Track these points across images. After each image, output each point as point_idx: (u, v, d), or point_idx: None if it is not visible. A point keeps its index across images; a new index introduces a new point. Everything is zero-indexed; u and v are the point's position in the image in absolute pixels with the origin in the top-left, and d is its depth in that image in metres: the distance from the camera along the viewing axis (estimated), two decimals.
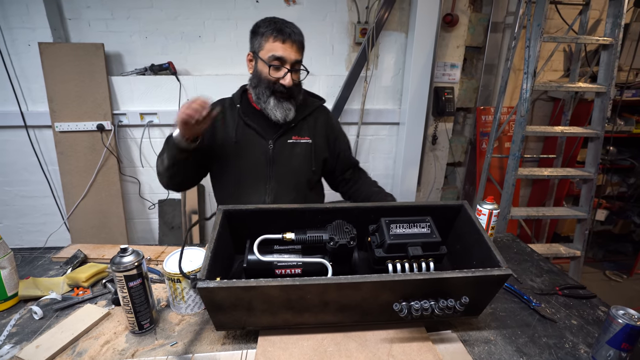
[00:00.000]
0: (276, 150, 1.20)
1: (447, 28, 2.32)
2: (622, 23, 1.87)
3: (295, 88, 1.15)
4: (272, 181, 1.22)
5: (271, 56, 1.08)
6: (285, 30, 1.09)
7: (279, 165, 1.21)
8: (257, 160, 1.20)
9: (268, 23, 1.12)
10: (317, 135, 1.27)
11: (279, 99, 1.14)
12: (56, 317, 0.87)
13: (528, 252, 1.25)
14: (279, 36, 1.08)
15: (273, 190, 1.22)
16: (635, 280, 2.73)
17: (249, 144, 1.19)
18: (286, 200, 1.22)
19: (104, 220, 2.32)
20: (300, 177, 1.24)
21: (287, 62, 1.09)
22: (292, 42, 1.09)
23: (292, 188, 1.24)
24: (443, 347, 0.78)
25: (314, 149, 1.25)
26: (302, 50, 1.14)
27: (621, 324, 0.73)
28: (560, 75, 2.63)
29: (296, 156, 1.23)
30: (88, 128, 2.18)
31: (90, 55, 2.11)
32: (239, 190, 1.23)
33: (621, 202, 2.86)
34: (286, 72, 1.10)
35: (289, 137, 1.22)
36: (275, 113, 1.15)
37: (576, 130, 2.00)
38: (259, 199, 1.21)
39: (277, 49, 1.08)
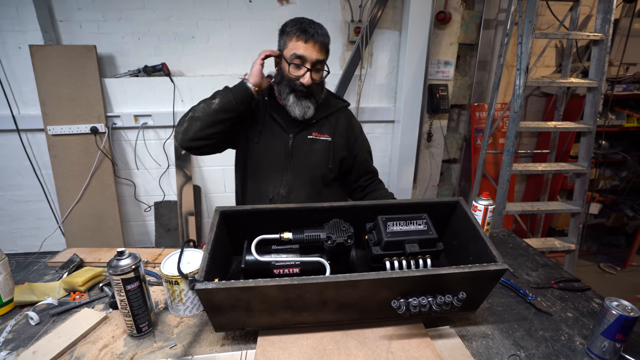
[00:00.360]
0: (295, 144, 1.25)
1: (440, 25, 2.33)
2: (612, 19, 1.89)
3: (315, 87, 1.19)
4: (289, 173, 1.25)
5: (293, 54, 1.12)
6: (309, 30, 1.12)
7: (297, 159, 1.25)
8: (276, 152, 1.24)
9: (294, 23, 1.15)
10: (337, 134, 1.30)
11: (298, 96, 1.18)
12: (53, 322, 0.87)
13: (524, 247, 1.26)
14: (302, 36, 1.11)
15: (288, 183, 1.25)
16: (629, 272, 2.77)
17: (272, 136, 1.25)
18: (301, 193, 1.26)
19: (99, 224, 2.31)
20: (315, 172, 1.28)
21: (308, 61, 1.13)
22: (314, 42, 1.11)
23: (307, 182, 1.27)
24: (441, 342, 0.79)
25: (332, 147, 1.29)
26: (324, 51, 1.16)
27: (615, 315, 0.74)
28: (552, 71, 2.65)
29: (314, 152, 1.26)
30: (81, 131, 2.16)
31: (82, 57, 2.09)
32: (257, 179, 1.27)
33: (614, 195, 2.90)
34: (306, 71, 1.13)
35: (309, 133, 1.27)
36: (294, 110, 1.19)
37: (569, 125, 2.02)
38: (274, 189, 1.25)
39: (299, 48, 1.11)
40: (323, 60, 1.17)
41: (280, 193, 1.25)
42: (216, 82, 2.25)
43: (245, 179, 1.31)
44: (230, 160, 2.38)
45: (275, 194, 1.25)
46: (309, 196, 1.27)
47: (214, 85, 2.23)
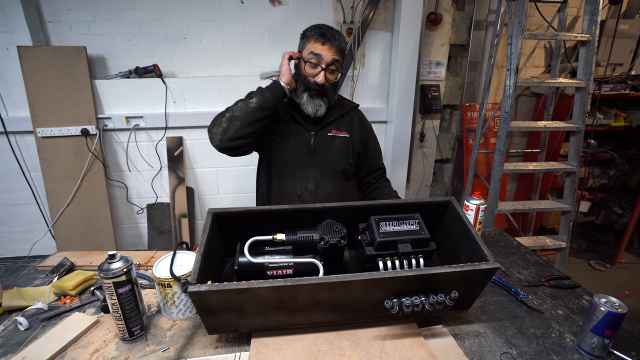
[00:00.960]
0: (317, 141, 1.32)
1: (432, 26, 2.35)
2: (599, 20, 1.93)
3: (329, 87, 1.26)
4: (314, 170, 1.32)
5: (310, 53, 1.21)
6: (327, 34, 1.21)
7: (320, 155, 1.32)
8: (300, 149, 1.31)
9: (314, 27, 1.24)
10: (353, 131, 1.39)
11: (311, 95, 1.25)
12: (43, 327, 0.85)
13: (515, 246, 1.28)
14: (319, 38, 1.20)
15: (315, 178, 1.32)
16: (618, 269, 2.82)
17: (294, 135, 1.31)
18: (327, 187, 1.33)
19: (90, 227, 2.28)
20: (337, 167, 1.35)
21: (324, 60, 1.20)
22: (331, 44, 1.20)
23: (332, 176, 1.34)
24: (435, 341, 0.80)
25: (350, 143, 1.37)
26: (340, 54, 1.24)
27: (603, 311, 0.75)
28: (541, 72, 2.69)
29: (335, 148, 1.34)
30: (72, 133, 2.13)
31: (72, 59, 2.06)
32: (283, 177, 1.33)
33: (603, 193, 2.95)
34: (320, 70, 1.21)
35: (328, 131, 1.34)
36: (307, 107, 1.26)
37: (558, 124, 2.06)
38: (301, 185, 1.31)
39: (317, 48, 1.20)
40: (338, 62, 1.24)
41: (309, 189, 1.31)
42: (209, 83, 2.25)
43: (270, 178, 1.36)
44: (222, 162, 2.41)
45: (304, 189, 1.31)
46: (335, 190, 1.35)
47: (207, 86, 2.25)
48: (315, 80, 1.22)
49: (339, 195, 1.35)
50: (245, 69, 2.32)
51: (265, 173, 1.38)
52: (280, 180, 1.33)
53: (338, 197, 1.34)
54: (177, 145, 2.34)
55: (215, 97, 2.29)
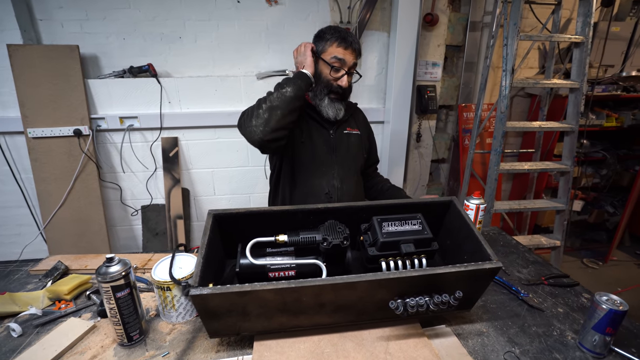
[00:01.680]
0: (336, 139, 1.36)
1: (428, 27, 2.36)
2: (592, 22, 1.95)
3: (348, 90, 1.31)
4: (337, 166, 1.35)
5: (334, 58, 1.23)
6: (348, 38, 1.24)
7: (341, 153, 1.36)
8: (322, 148, 1.34)
9: (333, 31, 1.26)
10: (361, 128, 1.46)
11: (332, 99, 1.28)
12: (37, 334, 0.83)
13: (513, 245, 1.28)
14: (342, 43, 1.23)
15: (339, 175, 1.35)
16: (610, 266, 2.86)
17: (314, 134, 1.34)
18: (350, 183, 1.38)
19: (83, 229, 2.24)
20: (356, 162, 1.42)
21: (347, 64, 1.24)
22: (352, 49, 1.24)
23: (353, 172, 1.40)
24: (438, 341, 0.79)
25: (362, 139, 1.44)
26: (359, 57, 1.29)
27: (605, 309, 0.76)
28: (535, 73, 2.72)
29: (352, 145, 1.39)
30: (64, 133, 2.09)
31: (64, 58, 2.02)
32: (308, 176, 1.34)
33: (595, 192, 3.00)
34: (344, 73, 1.25)
35: (344, 129, 1.39)
36: (328, 111, 1.29)
37: (553, 125, 2.08)
38: (328, 183, 1.34)
39: (340, 52, 1.23)
40: (356, 65, 1.29)
41: (335, 186, 1.34)
42: (204, 83, 2.22)
43: (294, 179, 1.36)
44: (218, 163, 2.39)
45: (331, 187, 1.33)
46: (356, 184, 1.41)
47: (202, 85, 2.23)
48: (338, 84, 1.25)
49: (359, 189, 1.43)
50: (241, 69, 2.30)
51: (289, 175, 1.36)
52: (306, 180, 1.34)
53: (358, 191, 1.40)
54: (172, 146, 2.31)
55: (211, 97, 2.27)
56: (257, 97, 1.44)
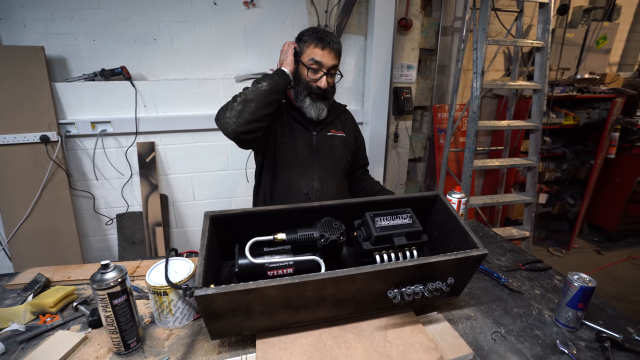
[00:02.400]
0: (319, 141, 1.36)
1: (402, 31, 2.45)
2: (550, 28, 2.12)
3: (329, 90, 1.30)
4: (317, 168, 1.36)
5: (311, 60, 1.23)
6: (325, 38, 1.23)
7: (322, 154, 1.37)
8: (303, 149, 1.34)
9: (311, 32, 1.26)
10: (347, 130, 1.46)
11: (314, 99, 1.29)
12: (22, 350, 0.79)
13: (491, 235, 1.37)
14: (319, 43, 1.22)
15: (319, 176, 1.35)
16: (573, 253, 3.09)
17: (297, 135, 1.35)
18: (331, 184, 1.38)
19: (53, 241, 2.11)
20: (339, 165, 1.42)
21: (324, 66, 1.24)
22: (330, 48, 1.23)
23: (334, 174, 1.39)
24: (432, 327, 0.84)
25: (347, 142, 1.44)
26: (339, 57, 1.27)
27: (577, 287, 0.84)
28: (501, 75, 2.90)
29: (335, 147, 1.40)
30: (29, 140, 1.97)
31: (28, 60, 1.91)
32: (288, 177, 1.34)
33: (557, 186, 3.23)
34: (322, 75, 1.24)
35: (328, 131, 1.40)
36: (310, 111, 1.30)
37: (520, 123, 2.23)
38: (307, 184, 1.34)
39: (317, 54, 1.22)
40: (336, 66, 1.28)
41: (314, 187, 1.34)
42: (181, 86, 2.18)
43: (275, 178, 1.37)
44: (197, 167, 2.35)
45: (309, 188, 1.34)
46: (338, 187, 1.40)
47: (179, 89, 2.18)
48: (317, 85, 1.26)
49: (340, 191, 1.42)
50: (219, 72, 2.28)
51: (270, 173, 1.38)
52: (286, 179, 1.35)
53: (339, 193, 1.41)
54: (149, 151, 2.24)
55: (188, 101, 2.22)
56: None
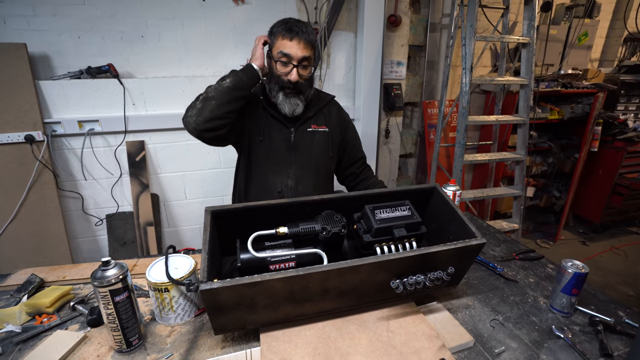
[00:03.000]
0: (297, 138, 1.30)
1: (392, 28, 2.47)
2: (536, 24, 2.17)
3: (303, 84, 1.23)
4: (294, 165, 1.31)
5: (279, 53, 1.18)
6: (294, 28, 1.16)
7: (301, 151, 1.31)
8: (280, 146, 1.29)
9: (280, 23, 1.21)
10: (332, 124, 1.38)
11: (287, 94, 1.23)
12: (19, 351, 0.77)
13: (485, 227, 1.40)
14: (287, 34, 1.16)
15: (295, 174, 1.31)
16: (560, 245, 3.19)
17: (274, 132, 1.29)
18: (307, 183, 1.32)
19: (40, 243, 2.05)
20: (319, 162, 1.35)
21: (294, 58, 1.17)
22: (299, 39, 1.16)
23: (312, 172, 1.34)
24: (432, 317, 0.85)
25: (330, 136, 1.36)
26: (310, 47, 1.20)
27: (570, 273, 0.87)
28: (489, 71, 2.96)
29: (316, 143, 1.33)
30: (13, 140, 1.90)
31: (9, 57, 1.85)
32: (263, 174, 1.31)
33: (544, 179, 3.32)
34: (292, 67, 1.18)
35: (308, 126, 1.33)
36: (284, 107, 1.24)
37: (508, 118, 2.28)
38: (282, 182, 1.30)
39: (285, 46, 1.16)
40: (309, 57, 1.21)
41: (289, 185, 1.30)
42: (170, 84, 2.14)
43: (249, 175, 1.33)
44: (189, 166, 2.32)
45: (284, 186, 1.30)
46: (316, 186, 1.34)
47: (168, 86, 2.15)
48: (288, 78, 1.19)
49: (317, 191, 1.35)
50: (209, 69, 2.25)
51: (245, 170, 1.36)
52: (260, 176, 1.32)
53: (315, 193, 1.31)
54: (138, 150, 2.20)
55: (178, 98, 2.19)
56: None
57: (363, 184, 1.47)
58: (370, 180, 1.47)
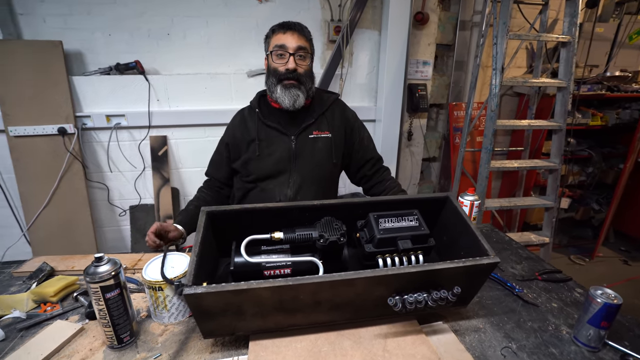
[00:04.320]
0: (299, 145, 1.26)
1: (418, 26, 2.37)
2: (578, 22, 1.99)
3: (302, 75, 1.21)
4: (295, 174, 1.27)
5: (275, 46, 1.18)
6: (287, 24, 1.20)
7: (302, 159, 1.27)
8: (280, 156, 1.26)
9: (274, 25, 1.23)
10: (335, 128, 1.32)
11: (285, 86, 1.19)
12: (21, 338, 0.79)
13: (506, 241, 1.29)
14: (279, 30, 1.19)
15: (296, 184, 1.26)
16: (596, 262, 2.93)
17: (272, 142, 1.26)
18: (308, 192, 1.27)
19: (69, 230, 2.17)
20: (321, 170, 1.30)
21: (289, 48, 1.17)
22: (292, 31, 1.18)
23: (314, 181, 1.29)
24: (436, 338, 0.79)
25: (333, 142, 1.30)
26: (305, 39, 1.20)
27: (600, 303, 0.76)
28: (523, 72, 2.77)
29: (318, 150, 1.28)
30: (48, 132, 2.02)
31: (47, 54, 1.96)
32: (263, 185, 1.28)
33: (581, 190, 3.07)
34: (288, 56, 1.17)
35: (310, 133, 1.28)
36: (284, 100, 1.20)
37: (542, 123, 2.11)
38: (281, 191, 1.26)
39: (279, 39, 1.18)
40: (305, 48, 1.20)
41: (288, 195, 1.26)
42: (193, 81, 2.18)
43: (247, 185, 1.31)
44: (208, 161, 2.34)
45: (283, 196, 1.26)
46: (316, 195, 1.28)
47: (191, 83, 2.19)
48: (285, 67, 1.17)
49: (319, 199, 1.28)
50: (231, 67, 2.27)
51: (244, 182, 1.32)
52: (259, 186, 1.29)
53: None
54: (161, 145, 2.26)
55: (200, 95, 2.23)
56: (247, 95, 1.44)
57: (377, 187, 1.39)
58: (385, 183, 1.38)
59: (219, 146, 1.37)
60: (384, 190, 1.37)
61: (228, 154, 1.33)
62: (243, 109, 1.37)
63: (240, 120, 1.32)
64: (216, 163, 1.37)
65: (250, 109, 1.34)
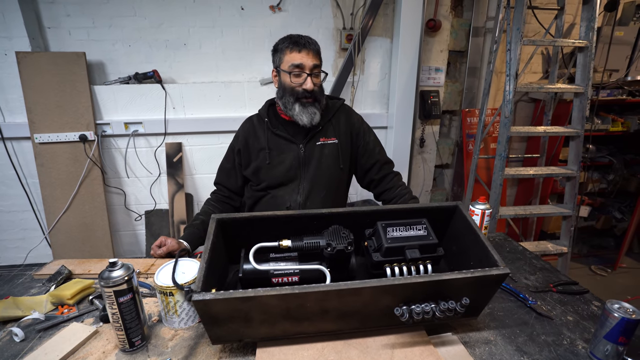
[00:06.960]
0: (307, 153, 1.30)
1: (431, 33, 2.37)
2: (595, 26, 1.95)
3: (317, 91, 1.25)
4: (305, 181, 1.30)
5: (291, 65, 1.20)
6: (300, 41, 1.20)
7: (311, 167, 1.30)
8: (290, 164, 1.29)
9: (285, 39, 1.23)
10: (341, 134, 1.35)
11: (303, 104, 1.23)
12: (39, 339, 0.82)
13: (520, 251, 1.26)
14: (295, 47, 1.20)
15: (305, 190, 1.29)
16: (619, 273, 2.81)
17: (282, 151, 1.30)
18: (317, 198, 1.30)
19: (87, 234, 2.24)
20: (330, 176, 1.33)
21: (306, 67, 1.20)
22: (307, 50, 1.20)
23: (323, 187, 1.32)
24: (444, 350, 0.78)
25: (340, 147, 1.33)
26: (318, 57, 1.24)
27: (617, 318, 0.74)
28: (539, 78, 2.71)
29: (325, 157, 1.31)
30: (70, 139, 2.11)
31: (71, 65, 2.05)
32: (274, 192, 1.31)
33: (602, 198, 2.96)
34: (306, 77, 1.20)
35: (317, 140, 1.31)
36: (302, 118, 1.24)
37: (558, 129, 2.06)
38: (291, 198, 1.29)
39: (296, 58, 1.19)
40: (319, 65, 1.24)
41: (298, 201, 1.29)
42: (208, 89, 2.24)
43: (258, 193, 1.34)
44: None
45: (293, 201, 1.29)
46: (324, 200, 1.31)
47: (206, 91, 2.24)
48: (304, 88, 1.21)
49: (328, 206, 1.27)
50: (245, 75, 2.32)
51: (253, 189, 1.36)
52: (270, 194, 1.32)
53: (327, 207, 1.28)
54: (176, 151, 2.32)
55: (215, 103, 2.28)
56: (260, 102, 1.46)
57: (388, 194, 1.39)
58: (395, 190, 1.37)
59: (228, 153, 1.40)
60: (394, 197, 1.37)
61: (239, 160, 1.35)
62: (252, 117, 1.39)
63: (249, 127, 1.35)
64: (226, 170, 1.39)
65: (259, 117, 1.36)
